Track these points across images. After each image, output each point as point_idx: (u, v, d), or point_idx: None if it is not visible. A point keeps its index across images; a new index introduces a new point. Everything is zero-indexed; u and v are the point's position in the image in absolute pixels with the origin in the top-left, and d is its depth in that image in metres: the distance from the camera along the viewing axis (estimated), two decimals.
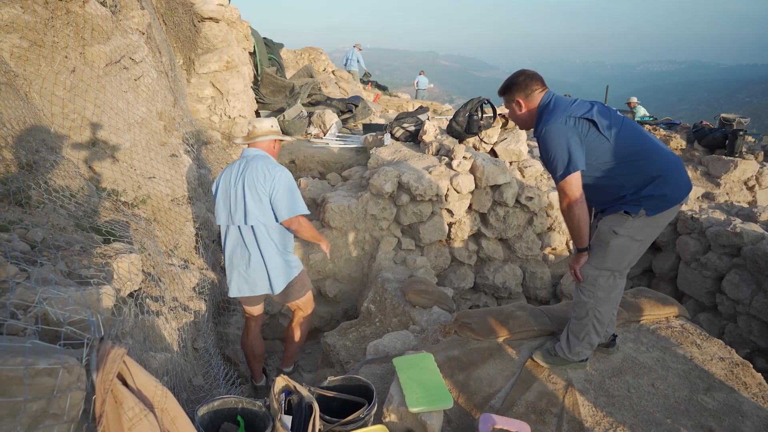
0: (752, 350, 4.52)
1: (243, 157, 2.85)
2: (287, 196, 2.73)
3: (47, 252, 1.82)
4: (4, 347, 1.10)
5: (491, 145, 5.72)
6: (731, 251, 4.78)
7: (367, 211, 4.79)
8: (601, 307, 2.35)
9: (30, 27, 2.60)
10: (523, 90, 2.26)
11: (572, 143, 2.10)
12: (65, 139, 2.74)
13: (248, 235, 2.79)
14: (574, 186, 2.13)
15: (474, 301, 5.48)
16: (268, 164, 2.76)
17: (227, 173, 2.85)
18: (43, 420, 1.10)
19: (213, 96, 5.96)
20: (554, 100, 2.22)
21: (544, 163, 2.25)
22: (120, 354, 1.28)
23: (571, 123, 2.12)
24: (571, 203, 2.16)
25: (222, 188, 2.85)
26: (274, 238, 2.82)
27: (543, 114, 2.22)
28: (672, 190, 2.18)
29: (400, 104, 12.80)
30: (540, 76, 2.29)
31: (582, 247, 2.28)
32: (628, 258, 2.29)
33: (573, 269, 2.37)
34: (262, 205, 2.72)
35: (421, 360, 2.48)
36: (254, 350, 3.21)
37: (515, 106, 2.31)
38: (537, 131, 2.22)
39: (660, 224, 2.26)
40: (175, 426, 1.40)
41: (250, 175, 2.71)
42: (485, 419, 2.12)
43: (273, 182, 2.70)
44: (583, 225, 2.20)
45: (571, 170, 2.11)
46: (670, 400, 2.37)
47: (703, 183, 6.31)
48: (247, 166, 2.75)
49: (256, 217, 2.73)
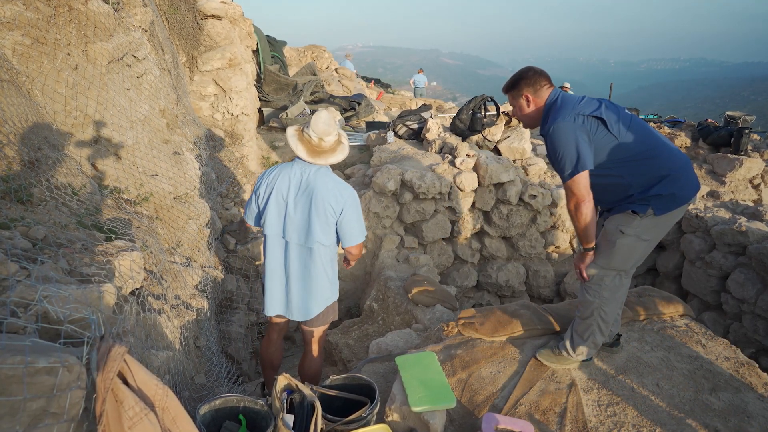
0: (758, 350, 4.49)
1: (301, 163, 2.46)
2: (359, 221, 2.49)
3: (48, 250, 1.82)
4: (4, 345, 1.09)
5: (495, 143, 5.70)
6: (736, 250, 4.75)
7: (369, 209, 4.78)
8: (606, 307, 2.33)
9: (32, 24, 2.59)
10: (532, 85, 2.23)
11: (581, 142, 2.07)
12: (67, 137, 2.74)
13: (304, 255, 2.53)
14: (582, 185, 2.10)
15: (477, 299, 5.47)
16: (336, 183, 2.46)
17: (283, 179, 2.48)
18: (42, 419, 1.09)
19: (216, 94, 5.95)
20: (561, 97, 2.19)
21: (551, 161, 2.22)
22: (121, 352, 1.27)
23: (579, 121, 2.09)
24: (579, 203, 2.12)
25: (275, 196, 2.48)
26: (328, 260, 2.57)
27: (550, 112, 2.18)
28: (680, 189, 2.15)
29: (403, 102, 12.78)
30: (547, 73, 2.26)
31: (588, 246, 2.25)
32: (635, 258, 2.27)
33: (579, 268, 2.34)
34: (327, 227, 2.46)
35: (424, 359, 2.47)
36: (273, 361, 2.97)
37: (523, 101, 2.26)
38: (544, 129, 2.20)
39: (668, 224, 2.24)
40: (176, 425, 1.39)
41: (319, 194, 2.39)
42: (488, 419, 2.10)
43: (344, 205, 2.43)
44: (591, 224, 2.17)
45: (579, 169, 2.07)
46: (675, 399, 2.35)
47: (708, 181, 6.26)
48: (312, 182, 2.41)
49: (319, 239, 2.46)
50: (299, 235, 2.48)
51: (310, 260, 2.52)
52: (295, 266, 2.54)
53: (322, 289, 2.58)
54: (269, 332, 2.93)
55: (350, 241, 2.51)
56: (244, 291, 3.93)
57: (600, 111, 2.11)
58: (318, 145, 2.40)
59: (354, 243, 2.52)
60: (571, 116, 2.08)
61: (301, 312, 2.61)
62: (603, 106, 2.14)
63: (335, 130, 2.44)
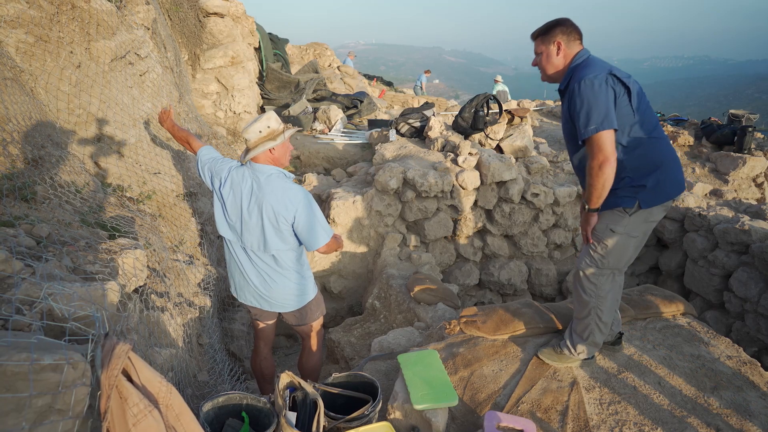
0: (760, 348, 4.48)
1: (251, 169, 2.43)
2: (314, 226, 2.42)
3: (52, 247, 1.83)
4: (10, 343, 1.10)
5: (497, 141, 5.69)
6: (739, 249, 4.74)
7: (372, 208, 4.78)
8: (603, 306, 2.35)
9: (35, 22, 2.60)
10: (567, 34, 2.16)
11: (610, 100, 2.00)
12: (71, 135, 2.74)
13: (266, 259, 2.51)
14: (608, 143, 2.00)
15: (479, 297, 5.47)
16: (285, 189, 2.39)
17: (237, 185, 2.46)
18: (48, 415, 1.10)
19: (218, 91, 5.96)
20: (591, 57, 2.14)
21: (572, 116, 2.10)
22: (125, 350, 1.28)
23: (611, 81, 2.03)
24: (604, 162, 2.01)
25: (232, 201, 2.47)
26: (292, 260, 2.55)
27: (578, 68, 2.11)
28: (670, 185, 2.17)
29: (405, 100, 12.76)
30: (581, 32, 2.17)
31: (595, 207, 2.18)
32: (627, 255, 2.28)
33: (586, 231, 2.29)
34: (282, 234, 2.42)
35: (426, 357, 2.47)
36: (263, 372, 2.97)
37: (553, 48, 2.18)
38: (566, 84, 2.13)
39: (653, 219, 2.25)
40: (179, 422, 1.40)
41: (269, 203, 2.35)
42: (490, 417, 2.11)
43: (295, 212, 2.37)
44: (608, 187, 2.09)
45: (607, 126, 1.98)
46: (677, 398, 2.35)
47: (711, 180, 6.25)
48: (262, 190, 2.38)
49: (277, 246, 2.45)
50: (256, 244, 2.47)
51: (276, 264, 2.52)
52: (258, 270, 2.54)
53: (294, 285, 2.58)
54: (256, 343, 2.94)
55: (314, 244, 2.46)
56: None
57: (630, 80, 2.07)
58: (247, 144, 2.40)
59: (318, 245, 2.46)
60: (604, 74, 2.02)
61: (274, 306, 2.62)
62: (631, 77, 2.10)
63: (257, 128, 2.35)
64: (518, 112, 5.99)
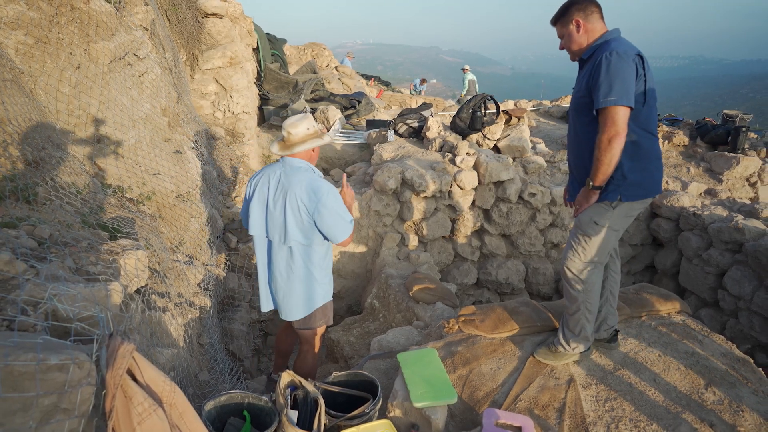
0: (753, 346, 4.53)
1: (282, 163, 2.51)
2: (339, 220, 2.45)
3: (55, 249, 1.84)
4: (16, 343, 1.12)
5: (495, 142, 5.72)
6: (733, 247, 4.78)
7: (370, 207, 4.80)
8: (591, 299, 2.42)
9: (35, 23, 2.60)
10: (582, 10, 2.18)
11: (632, 79, 2.02)
12: (70, 136, 2.75)
13: (286, 254, 2.54)
14: (623, 118, 2.01)
15: (477, 296, 5.50)
16: (312, 181, 2.43)
17: (264, 180, 2.53)
18: (54, 414, 1.11)
19: (216, 92, 5.96)
20: (623, 38, 2.15)
21: (593, 85, 2.09)
22: (129, 350, 1.29)
23: (638, 62, 2.06)
24: (614, 136, 2.02)
25: (258, 197, 2.53)
26: (310, 259, 2.56)
27: (609, 42, 2.12)
28: (653, 183, 2.26)
29: (403, 100, 12.78)
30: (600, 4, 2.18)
31: (599, 185, 2.19)
32: (609, 248, 2.36)
33: (581, 205, 2.30)
34: (304, 226, 2.45)
35: (425, 355, 2.50)
36: (280, 345, 3.03)
37: (573, 27, 2.19)
38: (592, 54, 2.14)
39: (632, 214, 2.32)
40: (183, 421, 1.42)
41: (294, 193, 2.40)
42: (489, 414, 2.13)
43: (317, 203, 2.39)
44: (614, 164, 2.10)
45: (625, 102, 1.99)
46: (672, 394, 2.39)
47: (706, 179, 6.29)
48: (289, 180, 2.43)
49: (297, 239, 2.47)
50: (279, 234, 2.50)
51: (291, 260, 2.53)
52: (277, 265, 2.57)
53: (306, 289, 2.57)
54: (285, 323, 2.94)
55: (338, 237, 2.50)
56: (245, 289, 3.96)
57: (650, 72, 2.10)
58: (287, 139, 2.46)
59: (342, 238, 2.51)
60: (632, 54, 2.04)
61: (284, 311, 2.64)
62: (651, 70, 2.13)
63: (305, 125, 2.47)
64: (515, 112, 6.02)
